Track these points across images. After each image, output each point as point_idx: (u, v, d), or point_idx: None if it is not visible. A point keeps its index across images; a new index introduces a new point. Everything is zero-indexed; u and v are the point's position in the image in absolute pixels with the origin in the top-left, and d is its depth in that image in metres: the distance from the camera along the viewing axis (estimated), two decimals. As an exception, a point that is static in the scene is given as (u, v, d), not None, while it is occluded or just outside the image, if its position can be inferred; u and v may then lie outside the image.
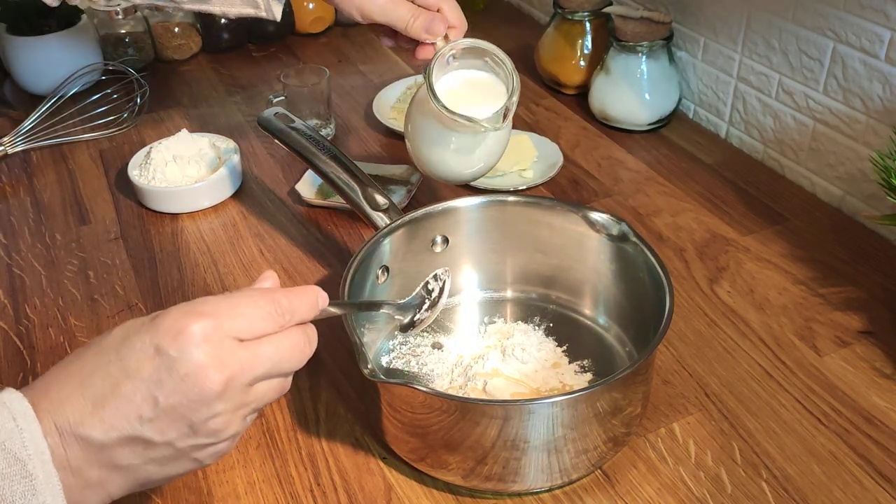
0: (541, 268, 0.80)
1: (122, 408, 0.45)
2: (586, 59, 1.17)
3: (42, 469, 0.43)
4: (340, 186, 0.78)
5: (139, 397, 0.45)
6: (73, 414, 0.45)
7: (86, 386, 0.45)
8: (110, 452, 0.45)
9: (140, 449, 0.46)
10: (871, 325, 0.79)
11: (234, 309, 0.47)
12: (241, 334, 0.47)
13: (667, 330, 0.63)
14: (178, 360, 0.45)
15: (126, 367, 0.45)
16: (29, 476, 0.43)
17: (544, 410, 0.58)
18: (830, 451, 0.68)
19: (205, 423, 0.46)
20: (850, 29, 0.89)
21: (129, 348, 0.46)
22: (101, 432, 0.45)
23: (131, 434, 0.45)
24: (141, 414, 0.45)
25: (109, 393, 0.45)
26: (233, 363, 0.46)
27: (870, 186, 0.91)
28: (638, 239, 0.71)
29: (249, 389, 0.48)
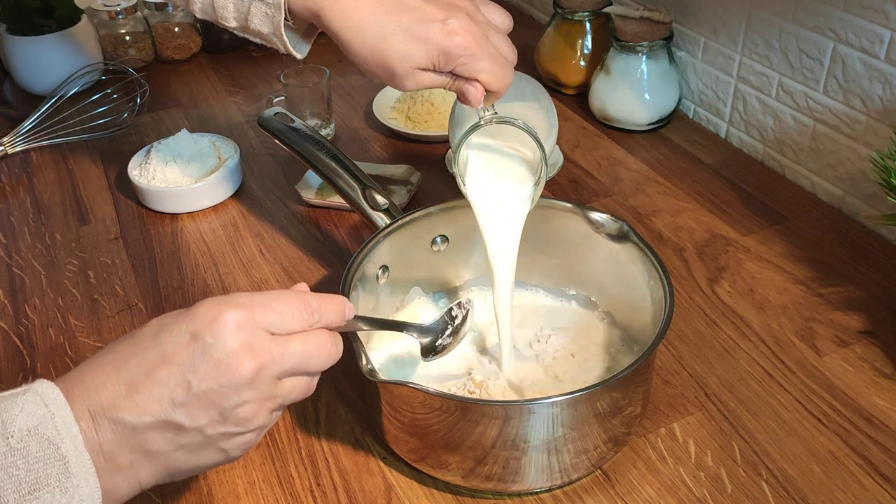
0: (541, 268, 0.80)
1: (156, 391, 0.46)
2: (586, 59, 1.17)
3: (75, 452, 0.44)
4: (340, 186, 0.78)
5: (173, 381, 0.46)
6: (107, 398, 0.46)
7: (121, 372, 0.47)
8: (142, 436, 0.46)
9: (171, 434, 0.47)
10: (871, 325, 0.79)
11: (267, 303, 0.49)
12: (273, 328, 0.49)
13: (667, 330, 0.63)
14: (212, 345, 0.46)
15: (162, 353, 0.47)
16: (63, 458, 0.44)
17: (544, 410, 0.58)
18: (830, 451, 0.68)
19: (234, 409, 0.47)
20: (850, 29, 0.89)
21: (167, 334, 0.47)
22: (135, 416, 0.46)
23: (163, 418, 0.46)
24: (174, 398, 0.46)
25: (144, 377, 0.46)
26: (263, 353, 0.48)
27: (870, 186, 0.91)
28: (638, 239, 0.71)
29: (277, 383, 0.49)
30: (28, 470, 0.43)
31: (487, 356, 0.74)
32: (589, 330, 0.76)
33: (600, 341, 0.75)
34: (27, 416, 0.44)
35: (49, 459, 0.44)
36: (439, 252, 0.78)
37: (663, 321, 0.64)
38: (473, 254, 0.80)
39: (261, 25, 0.67)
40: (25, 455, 0.43)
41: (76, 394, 0.46)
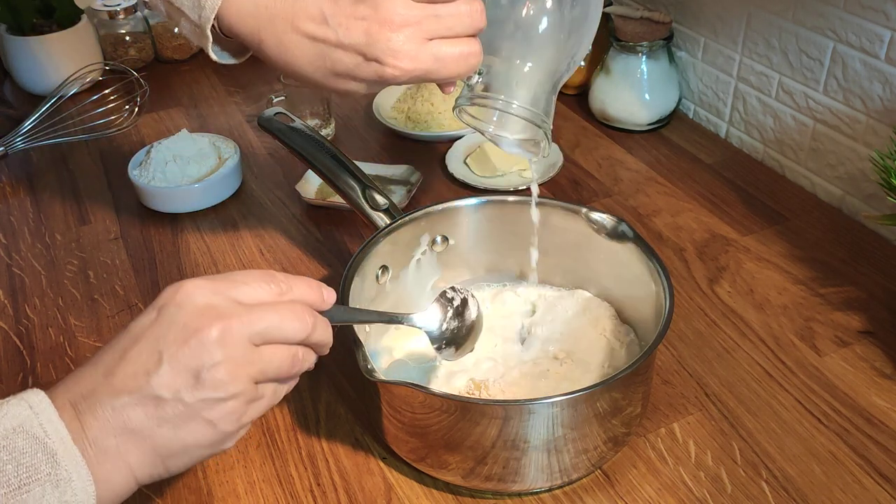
0: (541, 267, 0.80)
1: (129, 368, 0.47)
2: (586, 59, 1.17)
3: (62, 445, 0.45)
4: (340, 186, 0.78)
5: (145, 355, 0.47)
6: (86, 387, 0.47)
7: (98, 363, 0.48)
8: (124, 415, 0.47)
9: (151, 408, 0.47)
10: (871, 325, 0.79)
11: (229, 277, 0.50)
12: (239, 297, 0.49)
13: (667, 330, 0.63)
14: (177, 312, 0.48)
15: (132, 335, 0.48)
16: (50, 452, 0.45)
17: (544, 410, 0.58)
18: (830, 451, 0.68)
19: (208, 371, 0.47)
20: (850, 29, 0.88)
21: (136, 321, 0.49)
22: (113, 395, 0.47)
23: (140, 392, 0.47)
24: (147, 369, 0.47)
25: (119, 359, 0.47)
26: (228, 313, 0.48)
27: (870, 186, 0.91)
28: (638, 239, 0.71)
29: (253, 348, 0.49)
30: (17, 465, 0.44)
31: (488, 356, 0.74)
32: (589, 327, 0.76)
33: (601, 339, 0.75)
34: (11, 417, 0.45)
35: (36, 454, 0.44)
36: (439, 252, 0.78)
37: (663, 321, 0.64)
38: (473, 254, 0.80)
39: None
40: (11, 451, 0.44)
41: (58, 391, 0.47)
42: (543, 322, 0.77)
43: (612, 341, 0.75)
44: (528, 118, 0.65)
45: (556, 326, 0.76)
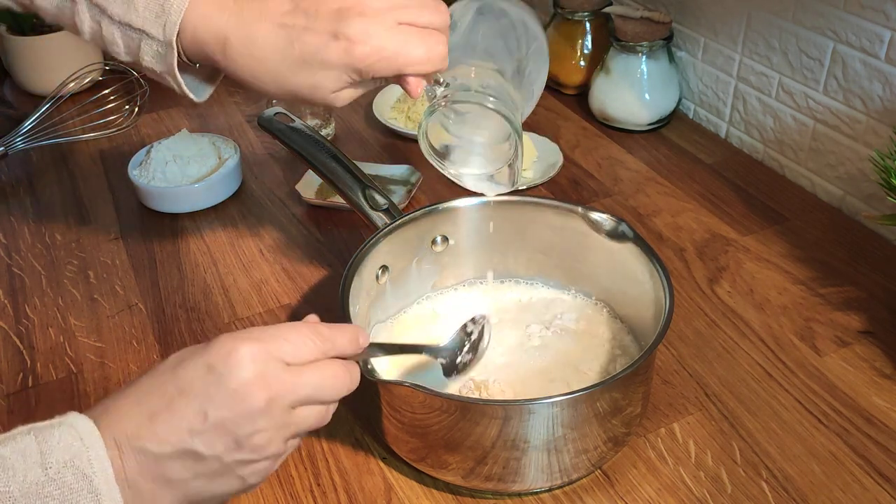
0: (541, 268, 0.80)
1: (175, 421, 0.48)
2: (586, 59, 1.17)
3: (106, 485, 0.46)
4: (340, 186, 0.78)
5: (191, 412, 0.48)
6: (131, 428, 0.47)
7: (143, 403, 0.48)
8: (163, 465, 0.48)
9: (190, 462, 0.48)
10: (871, 325, 0.79)
11: (279, 335, 0.51)
12: (286, 357, 0.50)
13: (667, 330, 0.63)
14: (226, 376, 0.48)
15: (180, 385, 0.48)
16: (95, 492, 0.45)
17: (544, 410, 0.58)
18: (830, 451, 0.68)
19: (249, 437, 0.49)
20: (850, 29, 0.89)
21: (185, 368, 0.49)
22: (156, 444, 0.47)
23: (182, 447, 0.48)
24: (192, 427, 0.48)
25: (164, 408, 0.48)
26: (277, 383, 0.49)
27: (870, 186, 0.91)
28: (638, 239, 0.71)
29: (291, 412, 0.51)
30: (62, 500, 0.44)
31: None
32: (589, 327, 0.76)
33: (601, 339, 0.75)
34: (63, 448, 0.45)
35: (82, 492, 0.45)
36: (439, 252, 0.78)
37: (663, 321, 0.64)
38: (473, 254, 0.80)
39: (153, 63, 0.63)
40: (61, 486, 0.45)
41: (102, 423, 0.47)
42: (543, 322, 0.77)
43: (611, 341, 0.75)
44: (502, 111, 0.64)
45: (555, 326, 0.76)
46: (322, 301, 0.85)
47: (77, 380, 0.77)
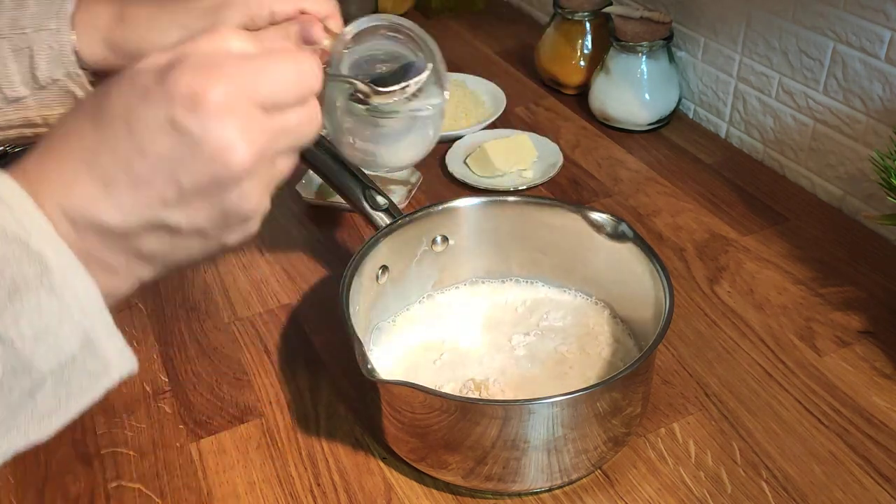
0: (541, 268, 0.80)
1: (140, 190, 0.39)
2: (586, 59, 1.17)
3: (49, 246, 0.37)
4: (340, 186, 0.78)
5: (160, 179, 0.39)
6: (83, 198, 0.38)
7: (93, 166, 0.39)
8: (133, 240, 0.40)
9: (166, 237, 0.41)
10: (871, 325, 0.79)
11: (256, 67, 0.41)
12: (265, 102, 0.41)
13: (667, 330, 0.63)
14: (200, 135, 0.38)
15: (137, 143, 0.39)
16: (36, 255, 0.37)
17: (544, 410, 0.58)
18: (830, 451, 0.68)
19: (236, 205, 0.41)
20: (850, 29, 0.89)
21: (138, 119, 0.39)
22: (119, 218, 0.39)
23: (154, 221, 0.40)
24: (164, 198, 0.39)
25: (122, 173, 0.39)
26: (260, 137, 0.41)
27: (870, 186, 0.91)
28: (638, 239, 0.71)
29: (276, 160, 0.44)
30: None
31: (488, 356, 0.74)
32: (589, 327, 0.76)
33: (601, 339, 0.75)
34: None
35: (19, 257, 0.36)
36: (439, 252, 0.78)
37: (663, 321, 0.64)
38: (473, 254, 0.80)
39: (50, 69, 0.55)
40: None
41: (42, 191, 0.38)
42: (543, 322, 0.77)
43: (611, 341, 0.75)
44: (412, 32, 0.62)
45: (555, 326, 0.76)
46: (322, 301, 0.85)
47: (77, 380, 0.77)
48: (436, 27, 1.45)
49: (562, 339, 0.75)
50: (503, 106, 1.15)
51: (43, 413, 0.38)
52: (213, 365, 0.78)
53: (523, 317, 0.78)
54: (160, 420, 0.73)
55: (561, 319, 0.77)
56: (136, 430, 0.72)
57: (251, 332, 0.82)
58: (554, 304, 0.79)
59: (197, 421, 0.72)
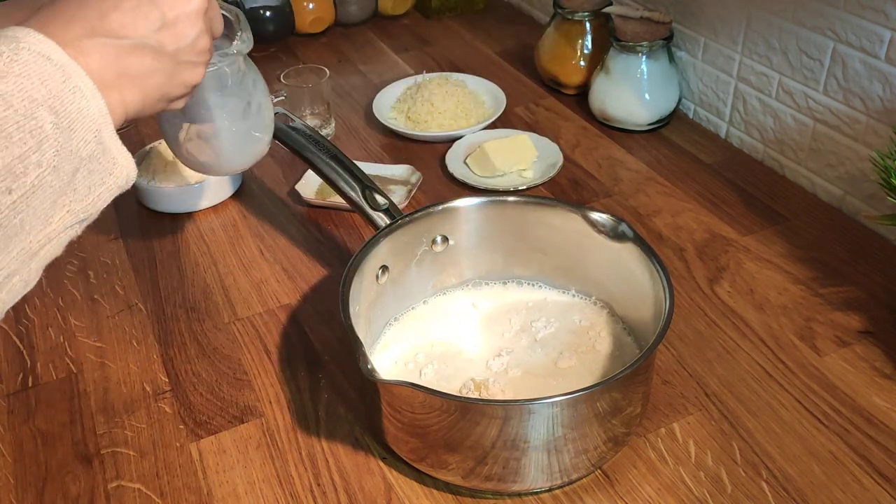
0: (541, 268, 0.80)
1: (130, 17, 0.50)
2: (586, 59, 1.17)
3: (67, 61, 0.47)
4: (340, 186, 0.78)
5: (143, 9, 0.50)
6: (84, 27, 0.48)
7: (86, 6, 0.49)
8: (125, 59, 0.50)
9: (149, 58, 0.51)
10: (871, 325, 0.79)
11: None
12: None
13: (667, 330, 0.63)
14: None
15: None
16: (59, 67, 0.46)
17: (544, 410, 0.58)
18: (830, 451, 0.68)
19: (197, 38, 0.53)
20: (850, 29, 0.88)
21: None
22: (116, 37, 0.49)
23: (143, 41, 0.50)
24: (149, 24, 0.50)
25: (112, 8, 0.49)
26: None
27: (870, 186, 0.91)
28: (638, 239, 0.71)
29: (208, 28, 0.55)
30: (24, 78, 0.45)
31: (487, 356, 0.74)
32: (589, 327, 0.76)
33: (601, 339, 0.75)
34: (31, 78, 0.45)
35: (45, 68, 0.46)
36: (439, 252, 0.78)
37: (663, 321, 0.64)
38: (473, 254, 0.80)
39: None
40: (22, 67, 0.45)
41: (51, 32, 0.47)
42: (543, 322, 0.77)
43: (611, 341, 0.75)
44: None
45: (555, 326, 0.76)
46: (322, 301, 0.85)
47: (77, 380, 0.77)
48: (436, 27, 1.45)
49: (561, 340, 0.75)
50: (503, 106, 1.15)
51: (80, 195, 0.48)
52: (213, 365, 0.78)
53: (523, 317, 0.78)
54: (160, 420, 0.73)
55: (561, 319, 0.77)
56: (136, 430, 0.72)
57: (251, 332, 0.82)
58: (554, 303, 0.79)
59: (197, 421, 0.72)
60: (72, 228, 0.49)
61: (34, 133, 0.44)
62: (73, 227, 0.49)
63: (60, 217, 0.47)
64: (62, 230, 0.48)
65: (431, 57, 1.34)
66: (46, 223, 0.47)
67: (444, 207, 0.76)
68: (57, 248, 0.49)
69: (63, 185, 0.47)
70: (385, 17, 1.48)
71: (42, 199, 0.46)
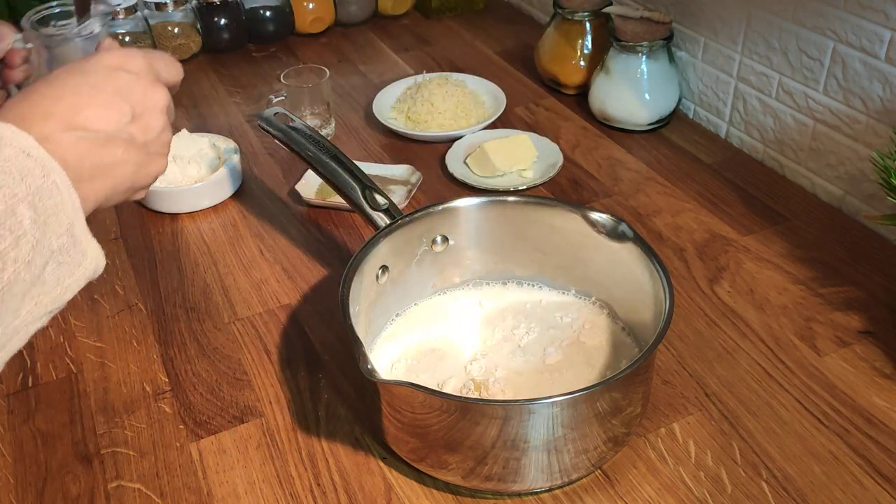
0: (541, 268, 0.80)
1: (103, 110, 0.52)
2: (586, 59, 1.17)
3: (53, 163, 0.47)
4: (340, 186, 0.78)
5: (115, 103, 0.52)
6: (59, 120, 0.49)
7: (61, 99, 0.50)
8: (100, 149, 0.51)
9: (121, 149, 0.53)
10: (871, 325, 0.79)
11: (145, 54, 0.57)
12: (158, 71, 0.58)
13: (667, 330, 0.63)
14: (138, 75, 0.54)
15: (91, 82, 0.52)
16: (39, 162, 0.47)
17: (544, 410, 0.58)
18: (830, 451, 0.68)
19: (162, 131, 0.56)
20: (850, 29, 0.88)
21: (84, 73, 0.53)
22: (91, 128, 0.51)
23: (117, 132, 0.52)
24: (121, 116, 0.52)
25: (86, 103, 0.51)
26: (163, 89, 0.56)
27: (870, 186, 0.91)
28: (638, 239, 0.71)
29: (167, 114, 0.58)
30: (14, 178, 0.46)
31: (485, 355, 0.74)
32: (589, 327, 0.76)
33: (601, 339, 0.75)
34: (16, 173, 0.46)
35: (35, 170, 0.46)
36: (439, 252, 0.78)
37: (663, 321, 0.64)
38: (473, 254, 0.80)
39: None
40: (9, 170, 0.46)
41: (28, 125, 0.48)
42: (543, 322, 0.77)
43: (611, 341, 0.75)
44: None
45: (555, 326, 0.76)
46: (322, 301, 0.85)
47: (77, 380, 0.77)
48: (436, 27, 1.45)
49: (562, 339, 0.75)
50: (503, 106, 1.15)
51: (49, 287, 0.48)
52: (213, 365, 0.78)
53: (523, 316, 0.78)
54: (160, 420, 0.73)
55: (561, 319, 0.77)
56: (136, 430, 0.72)
57: (251, 332, 0.82)
58: (554, 304, 0.79)
59: (197, 421, 0.72)
60: (39, 320, 0.48)
61: (13, 229, 0.44)
62: (40, 318, 0.48)
63: (28, 310, 0.47)
64: (30, 322, 0.47)
65: (431, 57, 1.34)
66: (15, 317, 0.46)
67: (444, 207, 0.76)
68: (23, 340, 0.48)
69: (34, 279, 0.46)
70: (385, 17, 1.48)
71: (14, 293, 0.45)
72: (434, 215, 0.76)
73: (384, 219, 0.76)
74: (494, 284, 0.81)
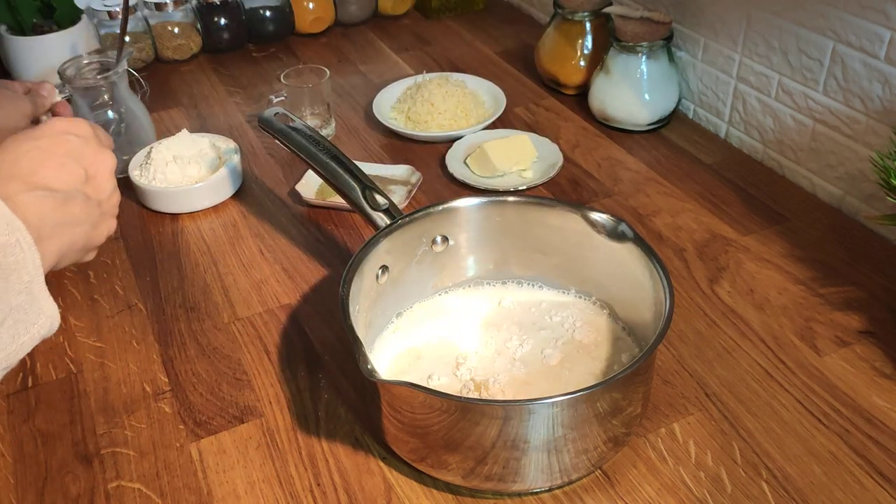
0: (541, 268, 0.80)
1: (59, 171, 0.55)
2: (586, 59, 1.17)
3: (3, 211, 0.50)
4: (340, 186, 0.78)
5: (70, 165, 0.56)
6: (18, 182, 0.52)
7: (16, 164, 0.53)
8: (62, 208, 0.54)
9: (79, 207, 0.56)
10: (871, 325, 0.79)
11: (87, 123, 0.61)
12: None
13: (667, 330, 0.63)
14: (87, 139, 0.57)
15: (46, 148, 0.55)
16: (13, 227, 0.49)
17: (544, 410, 0.58)
18: (830, 451, 0.68)
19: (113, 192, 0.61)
20: (850, 29, 0.89)
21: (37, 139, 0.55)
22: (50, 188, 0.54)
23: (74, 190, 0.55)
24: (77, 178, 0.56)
25: (40, 165, 0.54)
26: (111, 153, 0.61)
27: (870, 186, 0.91)
28: (638, 239, 0.71)
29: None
30: None
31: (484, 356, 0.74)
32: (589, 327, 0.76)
33: (601, 339, 0.75)
34: None
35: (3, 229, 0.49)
36: (439, 252, 0.78)
37: (663, 321, 0.64)
38: (473, 254, 0.80)
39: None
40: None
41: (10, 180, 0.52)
42: (543, 322, 0.77)
43: (611, 341, 0.75)
44: None
45: (555, 326, 0.76)
46: (322, 301, 0.85)
47: (77, 380, 0.77)
48: (436, 27, 1.45)
49: (562, 339, 0.75)
50: (503, 106, 1.15)
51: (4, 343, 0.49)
52: (213, 365, 0.78)
53: (523, 317, 0.78)
54: (160, 420, 0.73)
55: (560, 319, 0.77)
56: (136, 430, 0.72)
57: (251, 332, 0.82)
58: (554, 304, 0.79)
59: (197, 421, 0.72)
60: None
61: None
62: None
63: None
64: None
65: (431, 57, 1.34)
66: None
67: (444, 207, 0.76)
68: None
69: None
70: (385, 17, 1.48)
71: None
72: (434, 215, 0.76)
73: (384, 219, 0.76)
74: (494, 284, 0.82)
